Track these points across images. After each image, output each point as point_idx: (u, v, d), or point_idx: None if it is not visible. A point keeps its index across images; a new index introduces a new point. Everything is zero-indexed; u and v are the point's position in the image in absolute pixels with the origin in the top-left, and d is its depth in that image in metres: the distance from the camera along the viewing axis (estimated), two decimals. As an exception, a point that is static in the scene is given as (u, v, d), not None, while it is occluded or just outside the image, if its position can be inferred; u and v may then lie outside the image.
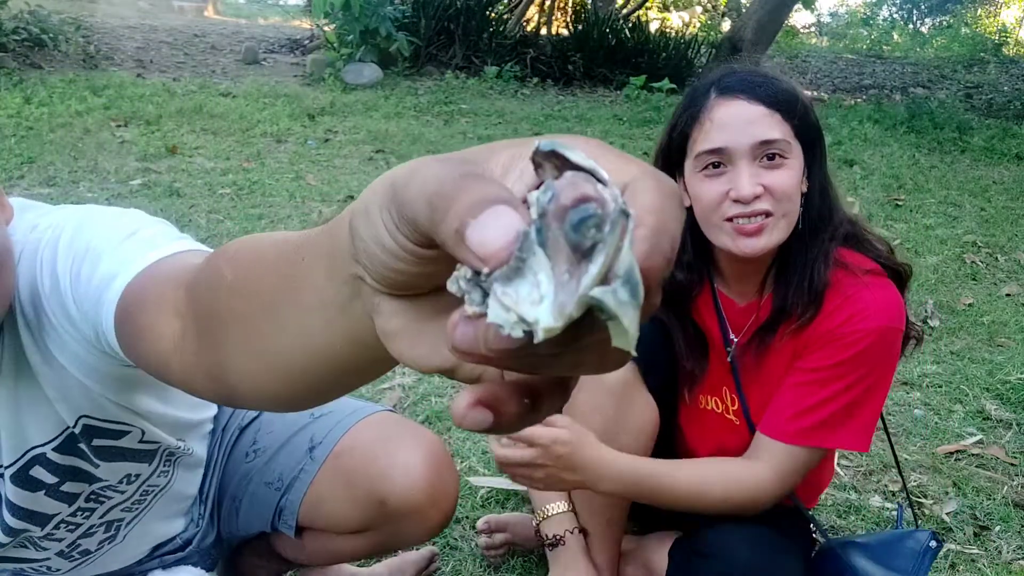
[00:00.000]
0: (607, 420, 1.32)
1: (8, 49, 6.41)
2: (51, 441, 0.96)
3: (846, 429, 1.24)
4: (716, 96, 1.20)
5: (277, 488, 1.22)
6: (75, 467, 0.99)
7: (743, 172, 1.17)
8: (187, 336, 0.58)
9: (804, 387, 1.25)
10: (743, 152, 1.17)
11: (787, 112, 1.18)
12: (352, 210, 0.37)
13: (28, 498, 0.99)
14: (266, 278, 0.47)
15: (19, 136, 4.54)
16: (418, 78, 7.62)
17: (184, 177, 4.17)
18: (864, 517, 1.84)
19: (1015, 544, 1.77)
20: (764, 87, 1.19)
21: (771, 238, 1.20)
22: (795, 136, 1.19)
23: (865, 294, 1.22)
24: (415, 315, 0.36)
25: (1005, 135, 6.90)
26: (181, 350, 0.59)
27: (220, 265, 0.53)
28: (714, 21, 14.50)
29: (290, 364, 0.46)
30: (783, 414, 1.26)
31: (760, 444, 1.28)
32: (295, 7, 15.54)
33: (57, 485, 1.00)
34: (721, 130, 1.18)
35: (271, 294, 0.46)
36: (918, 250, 3.95)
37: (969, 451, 2.14)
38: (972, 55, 12.33)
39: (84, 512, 1.06)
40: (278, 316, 0.45)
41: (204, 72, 7.37)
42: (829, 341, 1.23)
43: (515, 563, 1.61)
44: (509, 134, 5.87)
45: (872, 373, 1.23)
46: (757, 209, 1.18)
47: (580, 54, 8.45)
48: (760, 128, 1.17)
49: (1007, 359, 2.72)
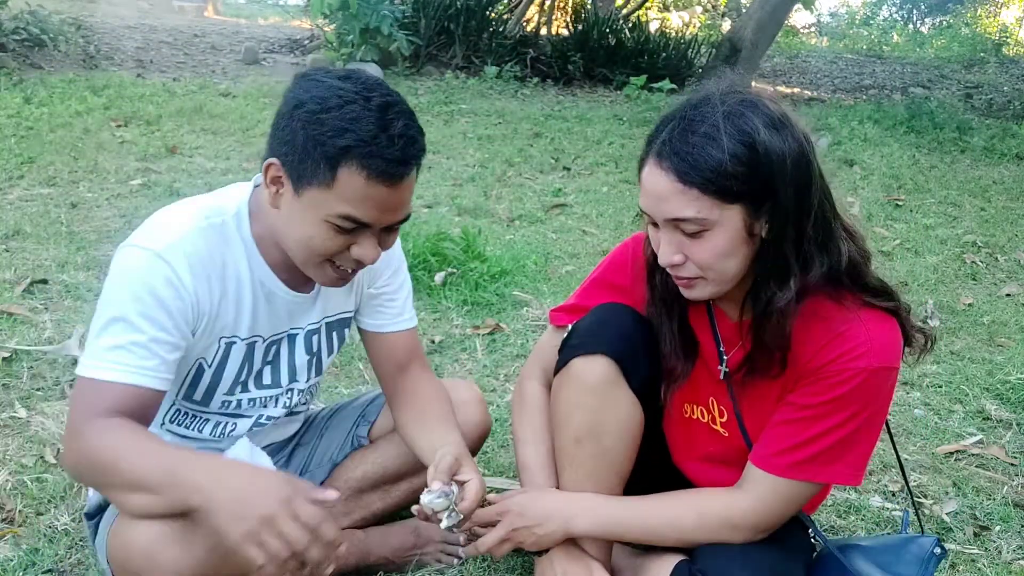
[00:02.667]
0: (588, 417, 1.33)
1: (8, 49, 6.41)
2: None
3: (839, 464, 1.22)
4: (651, 155, 1.16)
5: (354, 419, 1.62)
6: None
7: (663, 240, 1.18)
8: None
9: (795, 424, 1.22)
10: (661, 222, 1.17)
11: (706, 186, 1.11)
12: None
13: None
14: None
15: (19, 136, 4.54)
16: (418, 78, 7.62)
17: (184, 177, 4.17)
18: (864, 517, 1.84)
19: (1015, 544, 1.77)
20: (689, 157, 1.11)
21: (705, 292, 1.21)
22: (724, 203, 1.12)
23: (858, 331, 1.18)
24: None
25: (1005, 135, 6.90)
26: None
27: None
28: (714, 21, 14.50)
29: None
30: (772, 447, 1.24)
31: (748, 474, 1.27)
32: (295, 7, 15.53)
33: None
34: (644, 195, 1.18)
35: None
36: (918, 250, 3.96)
37: (969, 451, 2.14)
38: (972, 55, 12.33)
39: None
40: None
41: (204, 72, 7.37)
42: (820, 378, 1.20)
43: (515, 563, 1.61)
44: (509, 134, 5.87)
45: (864, 410, 1.20)
46: (678, 274, 1.20)
47: (580, 54, 8.45)
48: (670, 206, 1.13)
49: (1007, 359, 2.72)
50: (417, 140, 1.16)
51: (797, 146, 1.14)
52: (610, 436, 1.33)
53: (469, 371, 2.42)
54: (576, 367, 1.33)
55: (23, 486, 1.70)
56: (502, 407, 2.20)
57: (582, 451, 1.35)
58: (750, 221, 1.14)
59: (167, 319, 1.17)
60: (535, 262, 3.32)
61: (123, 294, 1.16)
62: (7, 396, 2.06)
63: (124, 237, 1.22)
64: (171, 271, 1.17)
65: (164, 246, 1.17)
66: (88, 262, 2.94)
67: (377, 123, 1.11)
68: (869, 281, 1.22)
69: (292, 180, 1.15)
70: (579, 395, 1.33)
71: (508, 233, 3.74)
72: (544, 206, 4.27)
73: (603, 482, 1.36)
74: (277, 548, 0.99)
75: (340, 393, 2.21)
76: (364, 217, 1.14)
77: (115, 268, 1.18)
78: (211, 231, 1.22)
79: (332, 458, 1.59)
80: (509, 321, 2.79)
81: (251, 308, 1.29)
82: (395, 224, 1.21)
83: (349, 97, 1.11)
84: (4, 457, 1.80)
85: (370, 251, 1.19)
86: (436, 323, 2.73)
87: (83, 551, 1.53)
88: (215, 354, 1.29)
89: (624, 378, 1.32)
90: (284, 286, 1.30)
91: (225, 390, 1.34)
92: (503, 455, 1.98)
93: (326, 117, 1.11)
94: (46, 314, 2.52)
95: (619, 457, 1.36)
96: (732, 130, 1.11)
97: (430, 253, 3.02)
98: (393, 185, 1.13)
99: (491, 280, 3.01)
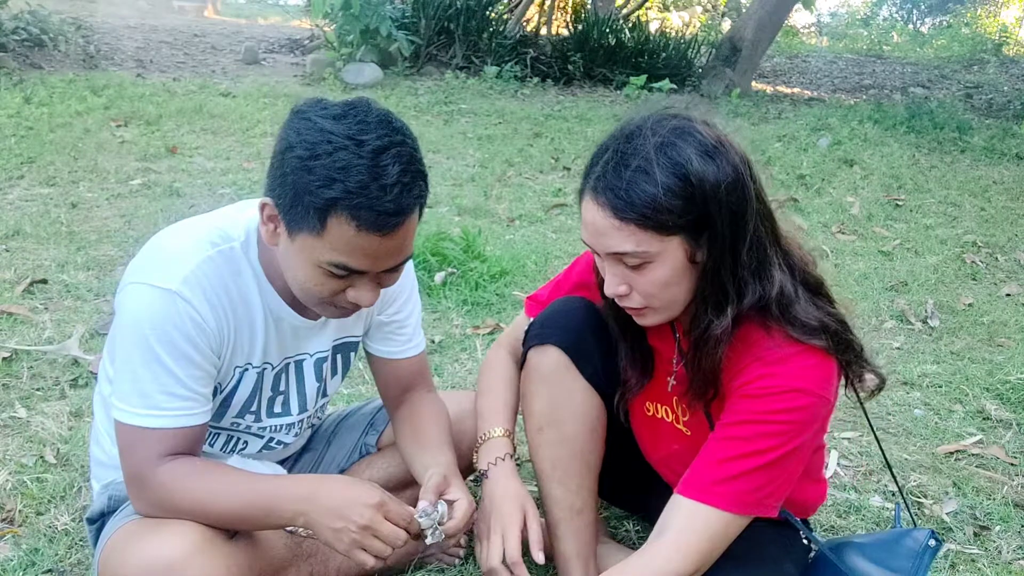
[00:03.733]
0: (545, 405, 1.38)
1: (8, 49, 6.41)
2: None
3: (735, 492, 1.17)
4: (587, 189, 1.16)
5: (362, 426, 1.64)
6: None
7: (607, 272, 1.18)
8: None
9: (722, 443, 1.20)
10: (603, 255, 1.17)
11: (644, 220, 1.10)
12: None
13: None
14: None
15: (19, 136, 4.54)
16: (418, 78, 7.62)
17: (184, 177, 4.17)
18: (864, 517, 1.84)
19: (1015, 544, 1.77)
20: (623, 194, 1.11)
21: (655, 319, 1.22)
22: (663, 235, 1.12)
23: (774, 355, 1.17)
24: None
25: (1005, 135, 6.90)
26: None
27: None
28: (714, 21, 14.50)
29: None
30: (694, 471, 1.21)
31: (676, 508, 1.21)
32: (295, 7, 15.54)
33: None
34: (584, 229, 1.18)
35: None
36: (918, 250, 3.96)
37: (969, 451, 2.14)
38: (972, 55, 12.33)
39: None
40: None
41: (204, 72, 7.37)
42: (739, 398, 1.19)
43: (515, 563, 1.61)
44: (509, 134, 5.87)
45: (777, 437, 1.16)
46: (628, 305, 1.21)
47: (580, 54, 8.45)
48: (610, 240, 1.14)
49: (1007, 359, 2.72)
50: (414, 186, 1.09)
51: (732, 171, 1.12)
52: (569, 424, 1.37)
53: (469, 371, 2.42)
54: (532, 358, 1.40)
55: (23, 486, 1.70)
56: (502, 407, 2.20)
57: (544, 439, 1.39)
58: (691, 250, 1.14)
59: (197, 354, 1.17)
60: (535, 262, 3.32)
61: (149, 338, 1.14)
62: (7, 396, 2.06)
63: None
64: (192, 309, 1.15)
65: (180, 283, 1.15)
66: (88, 262, 2.94)
67: (368, 172, 1.04)
68: (798, 315, 1.17)
69: (285, 223, 1.11)
70: (536, 384, 1.39)
71: (508, 233, 3.74)
72: (544, 206, 4.26)
73: (569, 470, 1.38)
74: (380, 549, 1.16)
75: (340, 393, 2.21)
76: (356, 266, 1.11)
77: (132, 308, 1.15)
78: (220, 259, 1.20)
79: (339, 465, 1.60)
80: (509, 321, 2.78)
81: (263, 335, 1.28)
82: (394, 268, 1.17)
83: (339, 143, 1.05)
84: (4, 457, 1.80)
85: (366, 295, 1.16)
86: (436, 323, 2.73)
87: (83, 551, 1.53)
88: (229, 381, 1.29)
89: (576, 367, 1.37)
90: (292, 311, 1.29)
91: (235, 413, 1.33)
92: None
93: (314, 165, 1.05)
94: (46, 314, 2.52)
95: (582, 445, 1.38)
96: (665, 162, 1.10)
97: (430, 253, 3.02)
98: (386, 235, 1.08)
99: (491, 280, 3.01)
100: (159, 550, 1.12)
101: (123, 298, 1.18)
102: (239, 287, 1.23)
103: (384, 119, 1.09)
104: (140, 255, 1.21)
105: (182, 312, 1.15)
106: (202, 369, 1.19)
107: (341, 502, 1.15)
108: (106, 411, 1.33)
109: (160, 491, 1.17)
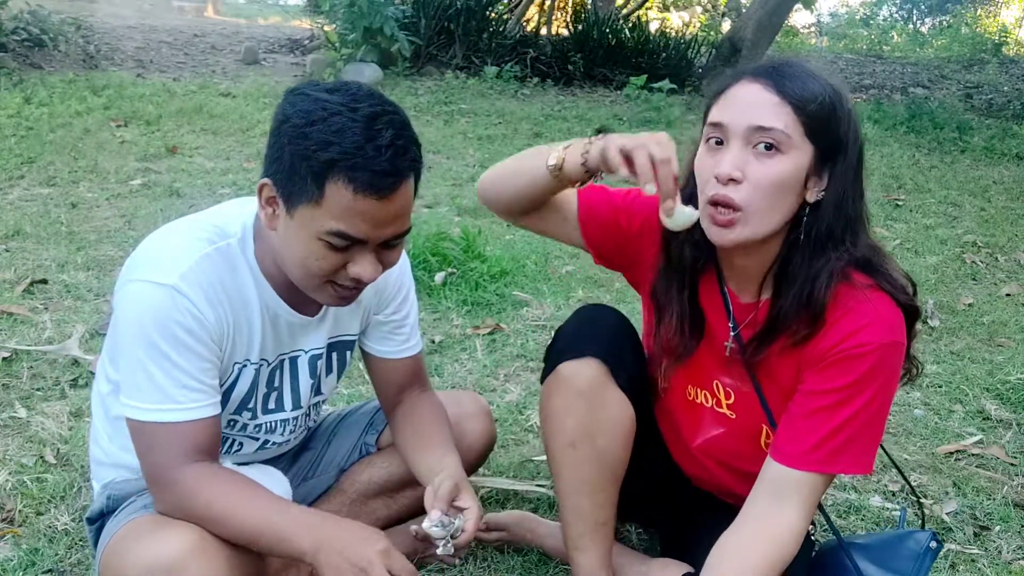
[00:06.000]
0: (580, 422, 1.32)
1: (8, 49, 6.41)
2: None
3: (851, 453, 1.20)
4: (745, 77, 1.18)
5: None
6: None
7: (730, 151, 1.16)
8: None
9: (820, 414, 1.20)
10: (738, 132, 1.15)
11: (801, 108, 1.14)
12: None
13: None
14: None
15: (19, 136, 4.54)
16: (418, 78, 7.62)
17: (184, 177, 4.17)
18: (864, 517, 1.84)
19: (1015, 544, 1.77)
20: (792, 81, 1.15)
21: (740, 233, 1.17)
22: (805, 136, 1.14)
23: (867, 308, 1.18)
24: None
25: (1005, 135, 6.90)
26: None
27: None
28: (714, 21, 14.50)
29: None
30: (804, 444, 1.20)
31: (781, 480, 1.22)
32: (295, 7, 15.54)
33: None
34: (728, 107, 1.17)
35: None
36: (918, 250, 3.96)
37: (969, 451, 2.14)
38: (972, 55, 12.33)
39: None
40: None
41: (204, 72, 7.37)
42: (834, 362, 1.19)
43: (515, 563, 1.61)
44: (509, 134, 5.87)
45: (880, 393, 1.19)
46: (728, 195, 1.15)
47: (580, 54, 8.45)
48: (761, 113, 1.14)
49: (1007, 359, 2.72)
50: (408, 150, 1.11)
51: (859, 132, 1.21)
52: (604, 437, 1.33)
53: (469, 371, 2.42)
54: (565, 371, 1.32)
55: (23, 486, 1.70)
56: (502, 407, 2.20)
57: (577, 455, 1.33)
58: (813, 171, 1.17)
59: (201, 347, 1.18)
60: (535, 262, 3.32)
61: (151, 334, 1.14)
62: (7, 396, 2.06)
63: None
64: (191, 304, 1.16)
65: (178, 279, 1.15)
66: (88, 262, 2.94)
67: (363, 134, 1.07)
68: (889, 269, 1.23)
69: (284, 199, 1.12)
70: (571, 399, 1.32)
71: (508, 233, 3.73)
72: (544, 206, 4.26)
73: (598, 485, 1.35)
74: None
75: (339, 392, 2.21)
76: (356, 232, 1.11)
77: (131, 306, 1.16)
78: (217, 256, 1.20)
79: (339, 464, 1.60)
80: (509, 321, 2.79)
81: (260, 331, 1.28)
82: (393, 239, 1.17)
83: (334, 109, 1.08)
84: (4, 457, 1.80)
85: (368, 268, 1.16)
86: (436, 323, 2.73)
87: (83, 551, 1.53)
88: (228, 377, 1.29)
89: (612, 378, 1.32)
90: (288, 307, 1.29)
91: (232, 410, 1.33)
92: (502, 455, 1.98)
93: (311, 131, 1.08)
94: (46, 314, 2.52)
95: (614, 458, 1.35)
96: (826, 81, 1.17)
97: (430, 253, 3.02)
98: (383, 198, 1.09)
99: (491, 280, 3.01)
100: (160, 550, 1.12)
101: (122, 296, 1.18)
102: (236, 283, 1.23)
103: (375, 92, 1.14)
104: (137, 253, 1.22)
105: (181, 307, 1.15)
106: (208, 361, 1.20)
107: (347, 543, 1.15)
108: (104, 410, 1.33)
109: (181, 494, 1.17)
